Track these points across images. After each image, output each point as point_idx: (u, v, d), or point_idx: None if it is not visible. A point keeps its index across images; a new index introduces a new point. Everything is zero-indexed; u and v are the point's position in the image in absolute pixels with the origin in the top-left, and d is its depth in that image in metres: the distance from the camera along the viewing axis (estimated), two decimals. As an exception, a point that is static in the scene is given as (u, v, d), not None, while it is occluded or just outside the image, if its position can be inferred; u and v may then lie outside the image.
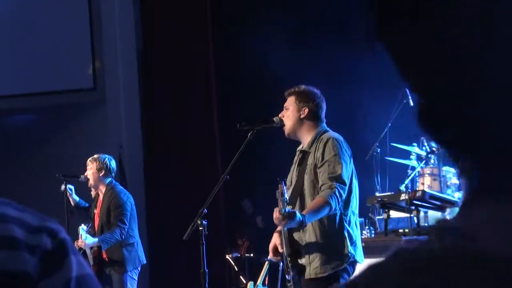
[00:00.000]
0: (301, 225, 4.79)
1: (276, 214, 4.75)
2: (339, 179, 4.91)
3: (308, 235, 5.00)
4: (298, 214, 4.75)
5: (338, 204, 4.86)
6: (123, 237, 7.36)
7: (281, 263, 5.19)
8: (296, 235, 5.07)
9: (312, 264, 4.99)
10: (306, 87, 5.24)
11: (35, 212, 1.23)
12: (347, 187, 4.93)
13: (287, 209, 4.73)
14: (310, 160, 5.05)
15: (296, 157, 5.28)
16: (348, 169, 4.99)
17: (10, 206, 1.23)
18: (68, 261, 1.19)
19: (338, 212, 4.97)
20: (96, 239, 7.29)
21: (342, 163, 4.96)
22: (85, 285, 1.20)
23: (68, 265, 1.18)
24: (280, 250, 5.09)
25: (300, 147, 5.30)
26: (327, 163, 4.95)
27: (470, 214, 0.68)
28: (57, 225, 1.22)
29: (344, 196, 4.90)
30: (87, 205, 7.88)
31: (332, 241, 4.99)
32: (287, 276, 5.10)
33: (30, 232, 1.18)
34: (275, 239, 5.13)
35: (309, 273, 4.99)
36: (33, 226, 1.19)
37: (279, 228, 5.12)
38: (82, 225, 7.40)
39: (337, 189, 4.86)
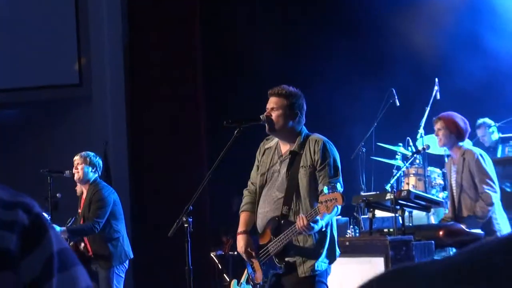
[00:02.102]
0: (321, 229, 4.88)
1: (303, 221, 4.79)
2: (340, 183, 5.01)
3: (302, 238, 5.03)
4: (320, 221, 4.84)
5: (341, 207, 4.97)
6: (97, 231, 7.33)
7: (248, 263, 5.26)
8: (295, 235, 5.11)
9: (305, 264, 5.02)
10: (292, 89, 5.24)
11: (6, 187, 1.20)
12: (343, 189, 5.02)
13: (316, 218, 4.80)
14: (304, 162, 5.08)
15: (275, 156, 5.27)
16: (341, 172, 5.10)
17: None
18: (48, 236, 1.16)
19: None
20: (62, 228, 7.29)
21: (339, 166, 5.09)
22: (67, 258, 1.17)
23: (48, 240, 1.15)
24: (251, 251, 5.16)
25: (271, 145, 5.31)
26: (327, 168, 5.02)
27: None
28: (30, 199, 1.20)
29: None
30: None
31: (325, 243, 5.05)
32: (250, 272, 5.20)
33: (5, 208, 1.15)
34: (248, 241, 5.20)
35: (304, 271, 5.01)
36: (6, 201, 1.16)
37: (242, 228, 5.23)
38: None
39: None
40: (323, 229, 4.95)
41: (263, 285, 5.13)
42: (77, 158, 7.64)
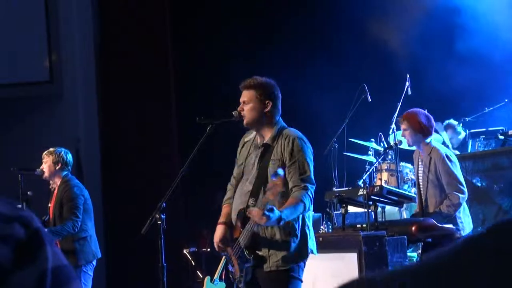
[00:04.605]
0: (279, 222, 4.79)
1: (257, 211, 4.73)
2: (310, 180, 4.97)
3: (271, 229, 4.99)
4: (276, 210, 4.75)
5: (311, 203, 4.92)
6: (76, 230, 7.26)
7: (225, 255, 5.22)
8: (255, 227, 5.06)
9: (272, 257, 4.99)
10: (264, 79, 5.19)
11: (6, 201, 1.18)
12: (314, 186, 4.98)
13: (268, 206, 4.73)
14: (274, 155, 5.04)
15: (251, 148, 5.25)
16: (313, 169, 5.04)
17: None
18: (43, 252, 1.13)
19: None
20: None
21: (309, 163, 5.01)
22: (61, 276, 1.14)
23: (43, 256, 1.12)
24: (224, 244, 5.12)
25: (250, 137, 5.29)
26: (297, 163, 4.97)
27: None
28: (30, 214, 1.17)
29: (313, 195, 4.96)
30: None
31: (296, 237, 5.01)
32: (230, 268, 5.14)
33: (3, 222, 1.13)
34: (223, 232, 5.16)
35: (269, 265, 4.99)
36: (4, 215, 1.14)
37: (222, 219, 5.21)
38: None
39: (310, 189, 4.93)
40: (284, 221, 4.81)
41: (240, 280, 5.10)
42: (43, 155, 7.57)
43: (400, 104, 8.17)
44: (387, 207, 7.90)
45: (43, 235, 1.15)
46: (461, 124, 9.64)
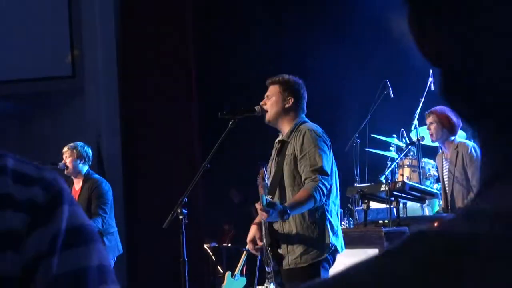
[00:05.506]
0: (283, 216, 4.74)
1: (258, 205, 4.72)
2: (321, 171, 4.87)
3: (288, 225, 4.97)
4: (278, 204, 4.71)
5: (323, 196, 4.82)
6: (104, 226, 7.30)
7: (260, 255, 5.17)
8: (275, 225, 5.04)
9: (291, 254, 4.96)
10: (290, 76, 5.20)
11: (34, 164, 1.18)
12: (329, 178, 4.90)
13: (267, 199, 4.70)
14: (289, 151, 5.02)
15: (274, 147, 5.26)
16: (328, 160, 4.96)
17: (10, 157, 1.19)
18: (59, 213, 1.12)
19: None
20: None
21: (322, 154, 4.92)
22: (77, 237, 1.13)
23: (59, 216, 1.11)
24: (259, 243, 5.06)
25: (279, 137, 5.27)
26: (308, 155, 4.92)
27: (503, 195, 0.56)
28: (54, 175, 1.17)
29: (328, 187, 4.87)
30: None
31: (313, 231, 4.95)
32: (266, 268, 5.08)
33: (25, 184, 1.13)
34: (254, 231, 5.11)
35: (288, 263, 4.96)
36: (29, 177, 1.14)
37: (257, 219, 5.11)
38: None
39: (321, 181, 4.82)
40: (289, 215, 4.78)
41: (270, 280, 5.04)
42: (65, 151, 7.60)
43: (422, 100, 8.13)
44: (409, 203, 7.87)
45: (63, 196, 1.14)
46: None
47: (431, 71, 8.41)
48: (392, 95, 8.53)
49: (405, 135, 8.35)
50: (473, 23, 0.58)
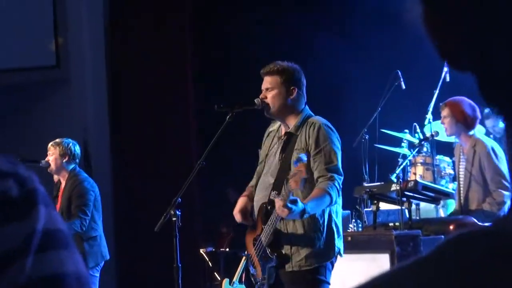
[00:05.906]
0: (302, 216, 4.76)
1: (280, 202, 4.70)
2: (337, 170, 4.95)
3: (292, 225, 4.98)
4: (300, 202, 4.71)
5: (338, 196, 4.89)
6: (84, 229, 7.26)
7: (245, 255, 5.21)
8: (278, 221, 5.05)
9: (295, 256, 4.97)
10: (287, 63, 5.18)
11: (9, 158, 1.17)
12: (342, 177, 4.94)
13: (291, 197, 4.70)
14: (298, 145, 5.02)
15: (275, 139, 5.24)
16: (341, 158, 5.01)
17: None
18: (35, 212, 1.12)
19: None
20: None
21: (337, 151, 5.00)
22: (53, 240, 1.12)
23: (34, 216, 1.11)
24: (245, 220, 5.08)
25: (274, 128, 5.27)
26: (323, 153, 4.95)
27: None
28: (29, 173, 1.16)
29: (341, 186, 4.92)
30: None
31: (320, 233, 4.98)
32: (251, 269, 5.13)
33: None
34: (244, 203, 5.17)
35: (291, 265, 4.97)
36: (1, 171, 1.13)
37: (247, 192, 5.23)
38: None
39: (337, 180, 4.89)
40: (309, 215, 4.80)
41: (263, 283, 5.07)
42: (49, 147, 7.58)
43: (437, 91, 8.11)
44: (422, 204, 7.86)
45: (38, 196, 1.14)
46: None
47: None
48: (404, 87, 8.51)
49: (418, 130, 8.33)
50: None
